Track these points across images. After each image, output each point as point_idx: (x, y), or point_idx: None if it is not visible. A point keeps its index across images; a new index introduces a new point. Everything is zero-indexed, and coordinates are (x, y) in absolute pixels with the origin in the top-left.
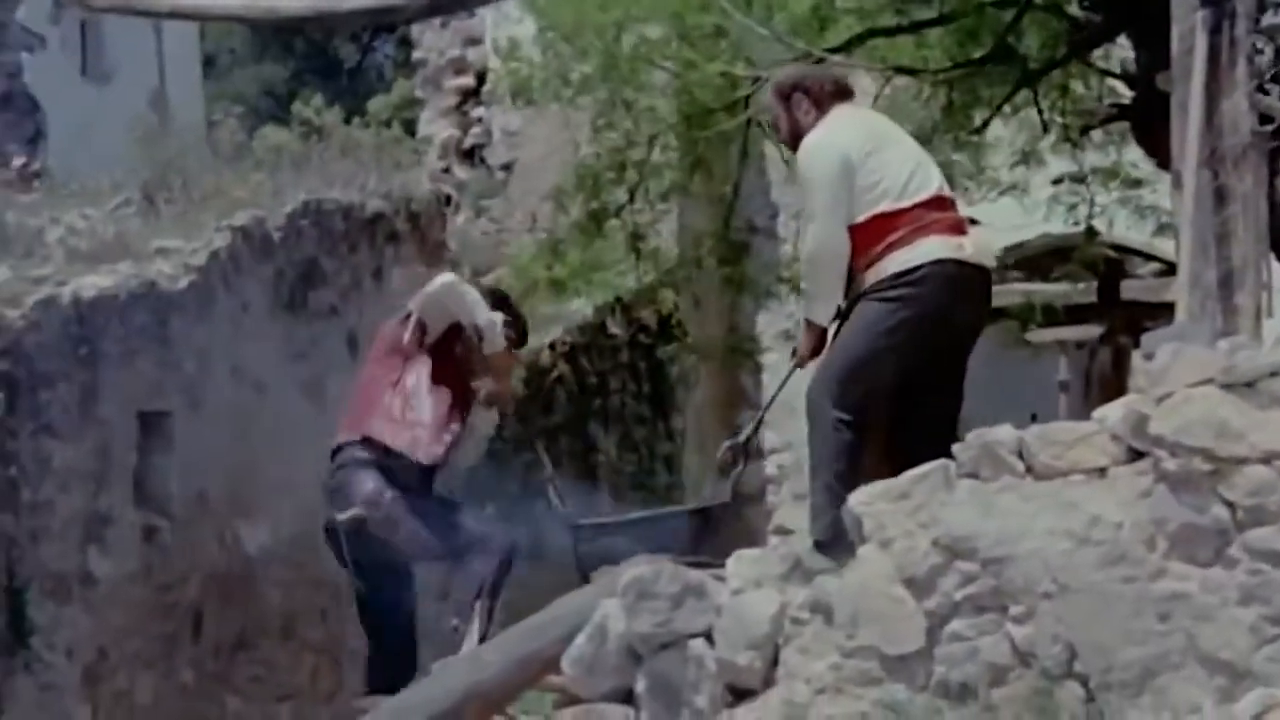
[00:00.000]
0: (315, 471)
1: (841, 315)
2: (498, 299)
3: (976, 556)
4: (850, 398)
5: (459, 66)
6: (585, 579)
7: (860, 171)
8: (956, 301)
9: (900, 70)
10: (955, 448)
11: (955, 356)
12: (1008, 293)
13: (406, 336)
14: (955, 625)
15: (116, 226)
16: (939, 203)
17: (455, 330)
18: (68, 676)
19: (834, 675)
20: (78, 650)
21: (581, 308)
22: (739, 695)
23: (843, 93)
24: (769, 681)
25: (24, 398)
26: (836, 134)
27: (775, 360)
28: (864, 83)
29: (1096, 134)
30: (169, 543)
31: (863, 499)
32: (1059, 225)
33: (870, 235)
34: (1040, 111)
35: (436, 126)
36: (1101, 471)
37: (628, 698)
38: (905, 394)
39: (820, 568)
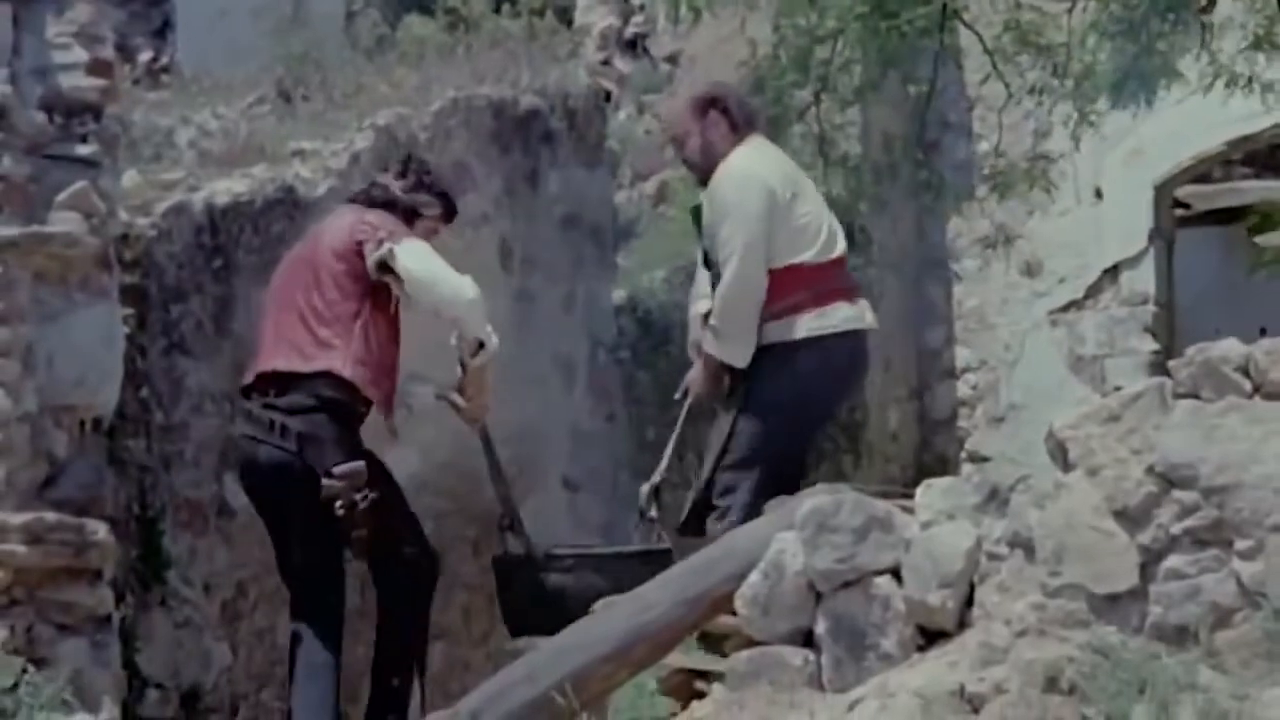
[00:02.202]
0: None
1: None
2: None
3: (1197, 485)
4: (788, 457)
5: None
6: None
7: (785, 214)
8: (861, 372)
9: None
10: (1171, 365)
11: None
12: (1236, 191)
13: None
14: (1172, 561)
15: (251, 127)
16: (844, 263)
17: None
18: (205, 613)
19: (1036, 616)
20: (215, 585)
21: None
22: (930, 638)
23: (757, 121)
24: (963, 623)
25: (154, 313)
26: (763, 166)
27: (971, 268)
28: None
29: None
30: None
31: (1068, 422)
32: None
33: (783, 285)
34: None
35: (594, 14)
36: None
37: (807, 640)
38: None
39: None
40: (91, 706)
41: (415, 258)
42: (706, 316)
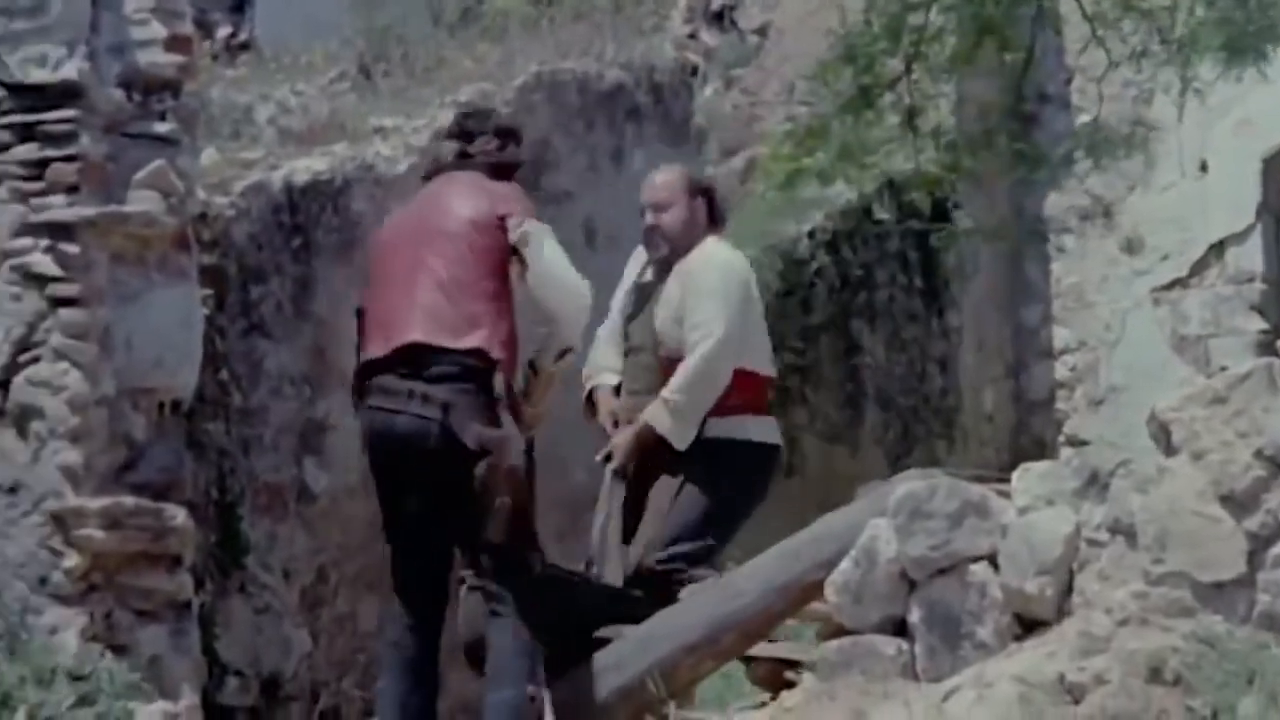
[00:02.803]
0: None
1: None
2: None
3: None
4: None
5: None
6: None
7: (755, 316)
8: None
9: None
10: None
11: None
12: None
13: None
14: None
15: (331, 103)
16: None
17: None
18: (285, 599)
19: (1138, 604)
20: (295, 571)
21: (844, 190)
22: (1028, 626)
23: (726, 226)
24: (1062, 611)
25: (233, 294)
26: (744, 263)
27: (1070, 244)
28: None
29: None
30: None
31: (1172, 404)
32: None
33: (740, 385)
34: None
35: None
36: None
37: (900, 628)
38: None
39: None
40: (170, 694)
41: (549, 246)
42: (617, 390)
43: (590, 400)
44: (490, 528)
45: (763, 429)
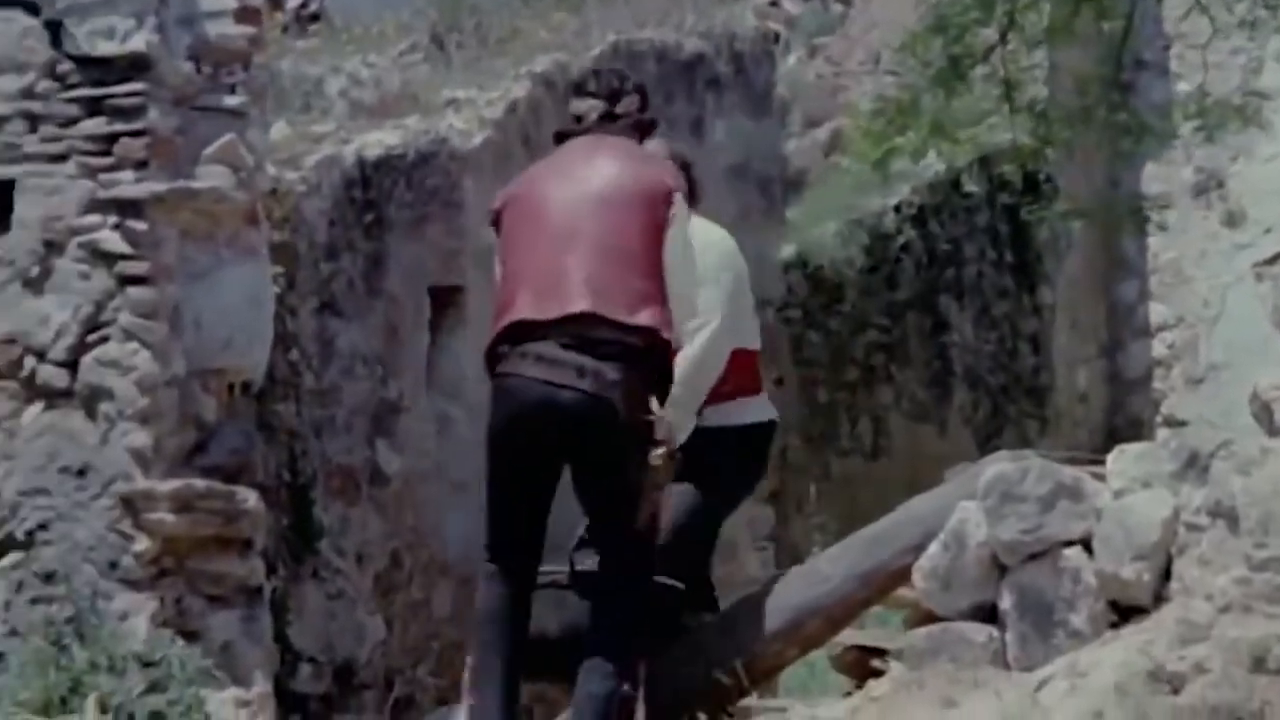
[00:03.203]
0: None
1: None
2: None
3: None
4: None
5: None
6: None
7: (747, 294)
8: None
9: None
10: None
11: None
12: None
13: None
14: None
15: (403, 75)
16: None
17: None
18: (359, 585)
19: (1240, 591)
20: (368, 556)
21: (932, 163)
22: (1124, 614)
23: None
24: (1160, 597)
25: (305, 271)
26: (730, 239)
27: (1168, 218)
28: None
29: None
30: (465, 435)
31: (1274, 382)
32: None
33: (729, 367)
34: None
35: None
36: None
37: (990, 615)
38: None
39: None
40: (242, 681)
41: (683, 236)
42: None
43: None
44: (639, 515)
45: (759, 408)
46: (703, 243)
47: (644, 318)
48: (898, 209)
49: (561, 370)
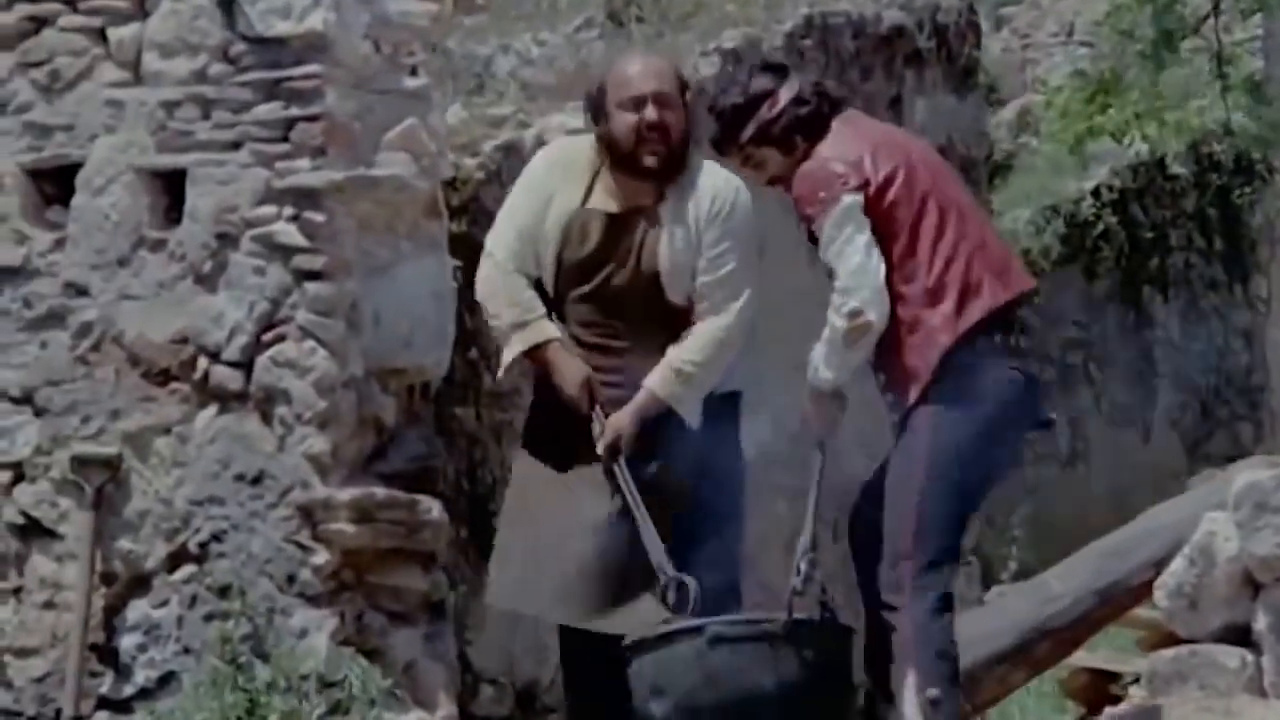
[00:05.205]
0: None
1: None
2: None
3: None
4: None
5: None
6: None
7: None
8: None
9: None
10: None
11: None
12: None
13: None
14: None
15: (578, 54)
16: None
17: None
18: None
19: None
20: None
21: (1134, 142)
22: None
23: None
24: None
25: None
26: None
27: None
28: None
29: None
30: None
31: None
32: None
33: None
34: None
35: None
36: None
37: (1244, 637)
38: None
39: None
40: (426, 703)
41: None
42: None
43: (538, 358)
44: None
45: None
46: (725, 195)
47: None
48: (1096, 194)
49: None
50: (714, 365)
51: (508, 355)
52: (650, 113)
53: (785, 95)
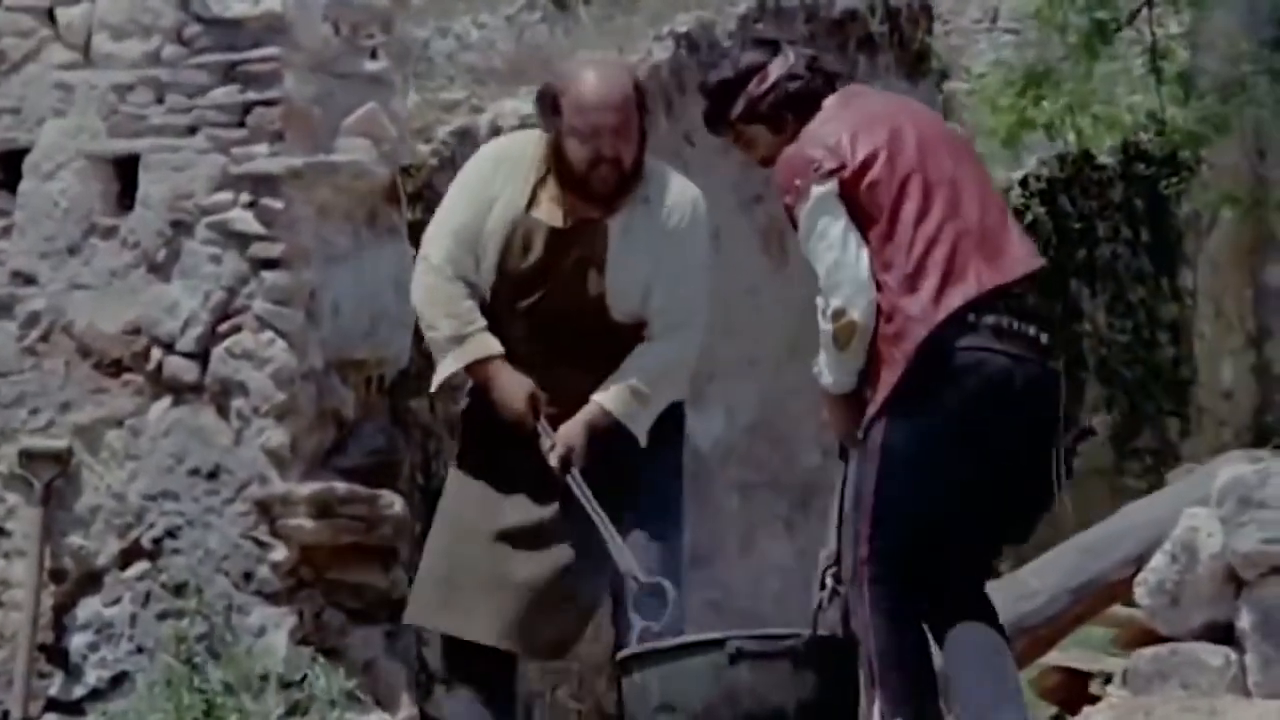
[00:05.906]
0: (778, 342)
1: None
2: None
3: None
4: None
5: None
6: None
7: None
8: None
9: None
10: None
11: None
12: None
13: None
14: None
15: (520, 36)
16: None
17: None
18: None
19: None
20: None
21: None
22: None
23: None
24: None
25: None
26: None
27: None
28: None
29: None
30: None
31: None
32: None
33: None
34: None
35: None
36: None
37: (1226, 635)
38: None
39: None
40: (387, 703)
41: None
42: None
43: (477, 374)
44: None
45: None
46: (689, 215)
47: (1037, 261)
48: (1024, 183)
49: (1018, 341)
50: (671, 386)
51: (443, 370)
52: (607, 148)
53: (776, 70)
